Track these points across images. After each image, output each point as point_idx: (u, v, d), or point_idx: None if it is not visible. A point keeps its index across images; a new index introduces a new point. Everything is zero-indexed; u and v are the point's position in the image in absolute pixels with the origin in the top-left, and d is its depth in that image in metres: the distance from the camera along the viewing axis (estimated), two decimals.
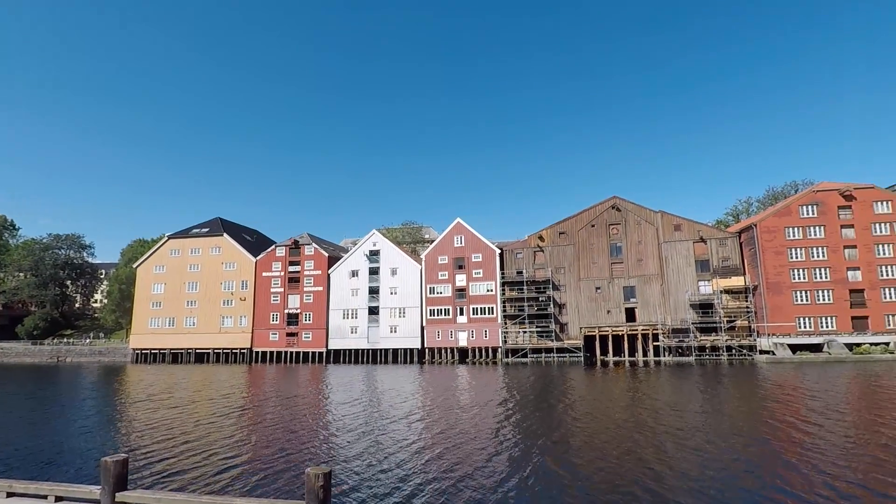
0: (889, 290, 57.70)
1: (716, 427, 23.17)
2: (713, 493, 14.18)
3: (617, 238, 67.83)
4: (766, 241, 60.82)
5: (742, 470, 16.31)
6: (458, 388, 40.64)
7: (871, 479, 15.07)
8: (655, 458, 17.98)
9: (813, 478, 15.26)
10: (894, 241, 58.36)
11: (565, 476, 16.12)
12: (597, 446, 19.91)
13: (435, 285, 72.09)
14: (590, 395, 35.15)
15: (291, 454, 19.30)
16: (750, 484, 14.90)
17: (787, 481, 15.02)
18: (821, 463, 16.80)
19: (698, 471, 16.27)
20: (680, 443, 20.11)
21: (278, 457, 18.91)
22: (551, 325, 67.03)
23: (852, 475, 15.40)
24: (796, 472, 15.93)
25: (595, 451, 19.09)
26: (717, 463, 17.14)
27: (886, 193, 60.62)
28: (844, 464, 16.62)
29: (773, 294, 59.88)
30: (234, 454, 19.36)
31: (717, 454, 18.29)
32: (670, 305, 64.72)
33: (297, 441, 21.59)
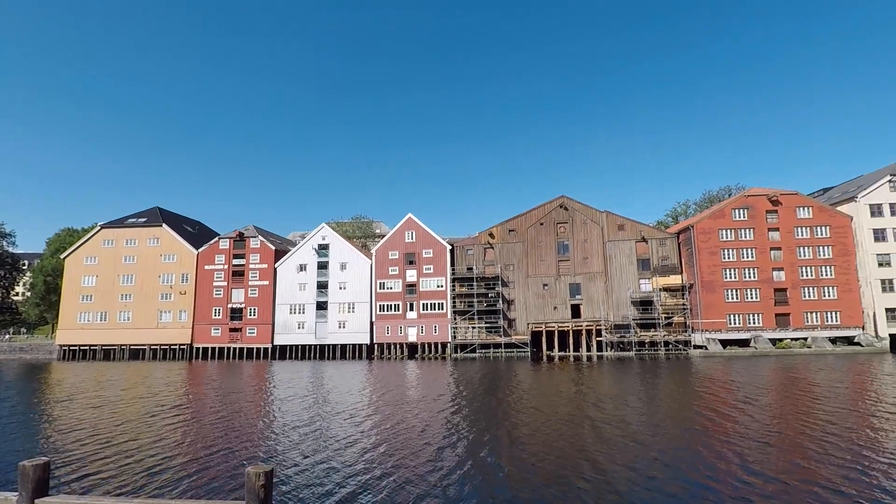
0: (808, 290, 62.34)
1: (652, 417, 24.31)
2: (649, 478, 14.88)
3: (564, 236, 69.69)
4: (702, 242, 64.25)
5: (675, 456, 17.19)
6: (407, 384, 40.61)
7: (785, 461, 16.25)
8: (596, 447, 18.65)
9: (735, 461, 16.30)
10: (813, 244, 63.09)
11: (510, 468, 16.46)
12: (541, 438, 20.43)
13: (385, 280, 71.60)
14: (535, 389, 35.98)
15: (231, 453, 18.67)
16: (682, 468, 15.73)
17: (714, 466, 15.97)
18: (743, 448, 17.96)
19: (635, 458, 17.01)
20: (619, 433, 20.95)
21: (217, 456, 18.24)
22: (500, 320, 68.12)
23: (769, 458, 16.57)
24: (722, 457, 16.96)
25: (539, 444, 19.58)
26: (651, 451, 17.99)
27: (808, 200, 65.38)
28: (763, 448, 17.85)
29: (707, 292, 63.37)
30: (169, 455, 18.51)
31: (652, 442, 19.19)
32: (613, 302, 67.22)
33: (238, 440, 20.91)
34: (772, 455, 17.21)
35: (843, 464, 15.95)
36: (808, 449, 17.85)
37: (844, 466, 15.68)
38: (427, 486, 14.67)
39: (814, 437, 19.61)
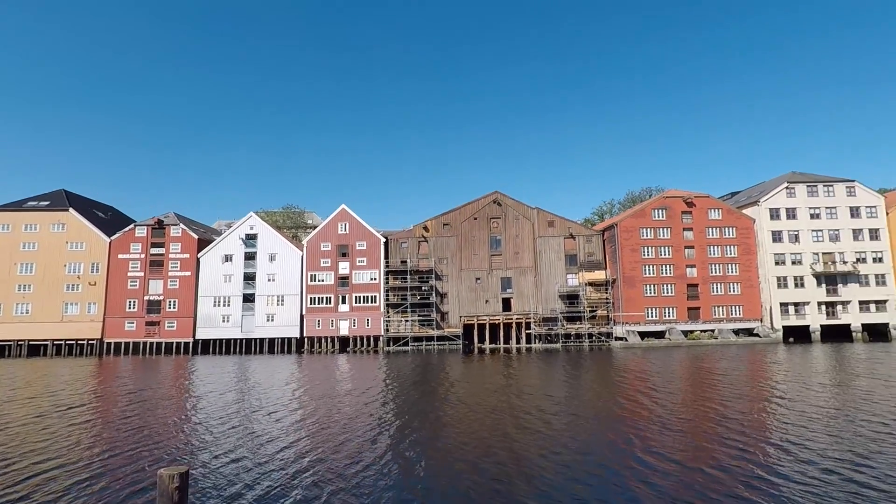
0: (716, 285, 67.62)
1: (571, 406, 25.46)
2: (563, 465, 15.58)
3: (497, 231, 71.18)
4: (625, 240, 67.87)
5: (588, 443, 18.12)
6: (336, 378, 40.01)
7: (685, 443, 17.60)
8: (516, 437, 19.28)
9: (642, 445, 17.43)
10: (721, 243, 68.45)
11: (429, 460, 16.66)
12: (463, 429, 20.84)
13: (317, 273, 69.97)
14: (464, 381, 36.62)
15: (142, 455, 17.60)
16: (594, 454, 16.60)
17: (622, 450, 16.99)
18: (650, 432, 19.24)
19: (551, 446, 17.75)
20: (539, 422, 21.77)
21: (123, 459, 17.13)
22: (433, 313, 68.60)
23: (672, 441, 17.87)
24: (631, 442, 18.07)
25: (461, 434, 19.97)
26: (566, 438, 18.86)
27: (718, 202, 70.77)
28: (668, 432, 19.21)
29: (628, 287, 67.11)
30: (66, 459, 17.14)
31: (568, 430, 20.12)
32: (542, 296, 69.59)
33: (149, 441, 19.73)
34: (674, 438, 18.57)
35: (734, 444, 17.48)
36: (707, 432, 19.41)
37: (736, 447, 17.19)
38: (345, 482, 14.58)
39: (713, 420, 21.35)
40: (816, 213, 68.69)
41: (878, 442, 17.32)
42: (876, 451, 16.20)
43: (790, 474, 14.28)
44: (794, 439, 17.98)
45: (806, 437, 18.28)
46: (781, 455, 16.15)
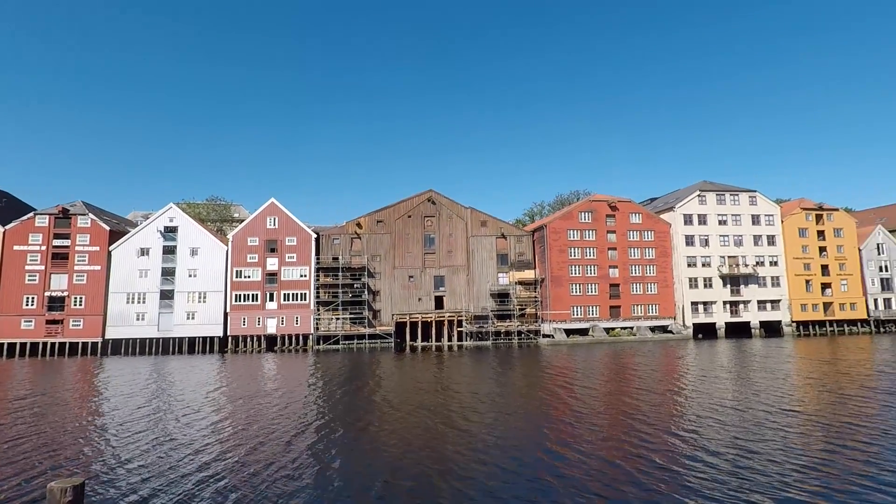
0: (636, 285, 71.75)
1: (499, 403, 26.07)
2: (489, 461, 15.94)
3: (431, 230, 71.50)
4: (553, 241, 70.42)
5: (510, 437, 18.64)
6: (260, 378, 38.60)
7: (604, 435, 18.57)
8: (444, 435, 19.48)
9: (565, 440, 18.20)
10: (641, 245, 72.71)
11: (354, 462, 16.48)
12: (388, 428, 20.78)
13: (243, 268, 67.07)
14: (394, 379, 36.53)
15: (34, 467, 16.10)
16: (521, 449, 17.11)
17: (554, 442, 17.65)
18: (573, 427, 20.13)
19: (479, 443, 18.10)
20: (464, 419, 22.12)
21: (13, 471, 15.60)
22: (365, 311, 67.84)
23: (593, 433, 18.80)
24: (562, 432, 18.82)
25: (386, 433, 19.90)
26: (494, 436, 19.30)
27: (639, 207, 75.10)
28: (589, 425, 20.19)
29: (556, 286, 69.69)
30: None
31: (495, 427, 20.59)
32: (474, 294, 70.74)
33: (45, 451, 18.13)
34: (590, 432, 19.52)
35: (642, 436, 18.65)
36: (619, 425, 20.58)
37: (643, 438, 18.34)
38: (253, 488, 14.11)
39: (625, 413, 22.66)
40: (724, 219, 74.63)
41: (764, 428, 19.09)
42: (763, 439, 17.86)
43: (688, 462, 15.44)
44: (694, 429, 19.47)
45: (704, 426, 19.84)
46: (682, 444, 17.42)
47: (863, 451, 16.03)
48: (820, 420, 20.33)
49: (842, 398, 24.93)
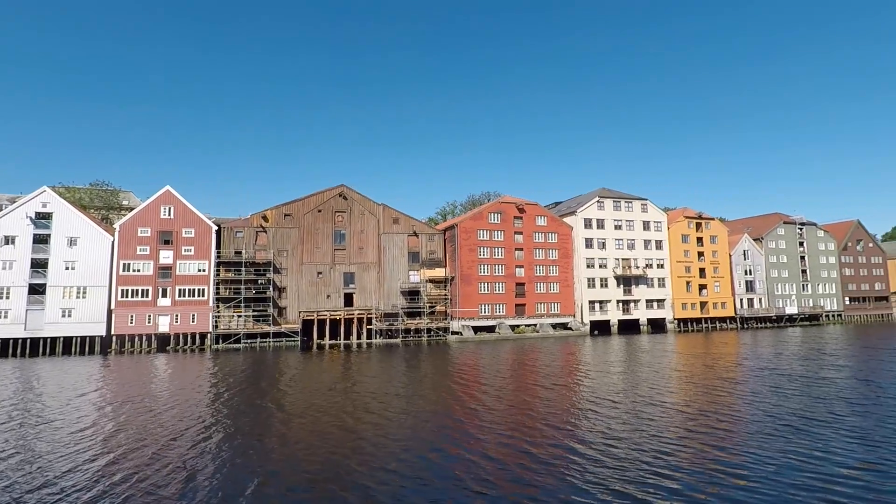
0: (540, 284, 75.44)
1: (405, 401, 26.21)
2: (392, 460, 15.96)
3: (341, 225, 70.08)
4: (464, 240, 72.02)
5: (419, 436, 18.85)
6: (147, 380, 35.58)
7: (501, 430, 19.34)
8: (345, 436, 19.20)
9: (465, 435, 18.70)
10: (546, 247, 76.57)
11: (249, 469, 15.78)
12: (291, 432, 20.12)
13: (132, 262, 61.40)
14: (299, 379, 35.39)
15: None
16: (423, 448, 17.30)
17: (447, 441, 18.00)
18: (475, 422, 20.72)
19: (383, 442, 18.07)
20: (372, 419, 21.99)
21: None
22: (270, 308, 65.01)
23: (492, 429, 19.49)
24: (456, 430, 19.26)
25: (289, 438, 19.27)
26: (407, 429, 19.39)
27: (544, 210, 78.99)
28: (490, 421, 20.91)
29: (465, 284, 71.36)
30: None
31: (400, 425, 20.68)
32: (384, 292, 70.42)
33: None
34: (490, 427, 20.26)
35: (539, 431, 19.70)
36: (518, 421, 21.56)
37: (540, 434, 19.38)
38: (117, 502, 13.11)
39: (525, 408, 23.80)
40: (619, 224, 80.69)
41: (635, 418, 20.99)
42: (634, 428, 19.62)
43: (564, 454, 16.54)
44: (575, 421, 20.95)
45: (585, 418, 21.41)
46: (561, 437, 18.66)
47: (715, 435, 18.14)
48: (682, 409, 22.72)
49: (703, 388, 28.05)
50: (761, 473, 13.93)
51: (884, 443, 16.49)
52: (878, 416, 20.20)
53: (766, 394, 25.65)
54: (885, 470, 13.95)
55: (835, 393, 25.35)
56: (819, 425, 19.02)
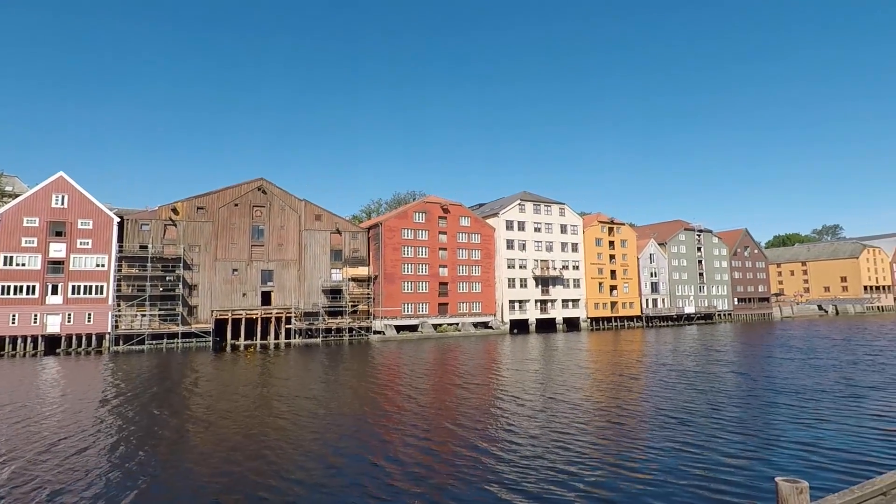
0: (462, 284, 76.79)
1: (324, 402, 25.65)
2: (306, 463, 15.55)
3: (260, 220, 67.22)
4: (388, 238, 71.69)
5: (336, 439, 18.49)
6: (32, 386, 32.11)
7: (421, 430, 19.46)
8: (261, 440, 18.45)
9: (387, 438, 18.64)
10: (469, 247, 78.07)
11: (147, 479, 14.76)
12: (197, 438, 19.09)
13: (15, 254, 55.15)
14: (208, 382, 33.56)
15: None
16: (342, 451, 17.03)
17: (369, 443, 17.82)
18: (397, 422, 20.67)
19: (299, 444, 17.54)
20: (289, 419, 21.32)
21: None
22: (179, 307, 61.02)
23: (414, 428, 19.57)
24: (380, 431, 19.13)
25: (195, 444, 18.26)
26: (316, 434, 18.92)
27: (468, 211, 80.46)
28: (410, 423, 20.97)
29: (389, 283, 71.07)
30: None
31: (317, 428, 20.18)
32: (305, 290, 68.48)
33: None
34: (395, 429, 20.33)
35: (445, 428, 20.11)
36: (436, 420, 21.88)
37: (459, 433, 19.80)
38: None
39: (443, 408, 24.20)
40: (539, 227, 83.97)
41: (542, 414, 22.07)
42: (539, 425, 20.61)
43: (468, 452, 17.06)
44: (484, 420, 21.65)
45: (493, 416, 22.20)
46: (468, 435, 19.20)
47: (613, 430, 19.52)
48: (585, 405, 24.20)
49: (606, 385, 30.03)
50: (651, 465, 15.16)
51: (758, 433, 18.52)
52: (752, 408, 22.64)
53: (659, 389, 27.87)
54: (764, 458, 15.68)
55: (717, 387, 28.06)
56: (700, 416, 20.99)
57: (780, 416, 20.58)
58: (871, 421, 19.46)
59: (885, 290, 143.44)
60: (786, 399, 24.03)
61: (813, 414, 20.90)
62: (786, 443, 16.89)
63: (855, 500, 7.86)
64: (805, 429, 18.64)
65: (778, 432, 18.19)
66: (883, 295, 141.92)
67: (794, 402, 23.19)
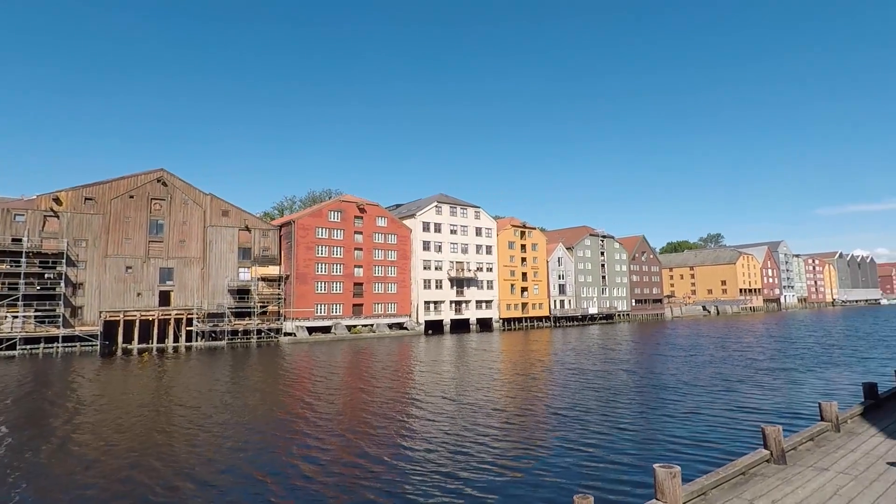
0: (378, 285, 76.33)
1: (225, 410, 24.31)
2: (225, 475, 14.73)
3: (159, 214, 62.44)
4: (301, 237, 69.55)
5: (254, 445, 17.62)
6: None
7: (318, 438, 19.09)
8: (148, 450, 17.18)
9: (309, 445, 18.07)
10: (385, 248, 77.80)
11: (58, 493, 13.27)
12: (72, 453, 17.38)
13: None
14: (92, 390, 30.63)
15: None
16: (231, 460, 16.25)
17: (289, 450, 17.16)
18: (297, 430, 20.08)
19: (189, 456, 16.54)
20: (194, 430, 20.00)
21: None
22: (60, 308, 55.08)
23: (313, 437, 19.14)
24: (297, 439, 18.47)
25: (66, 460, 16.62)
26: (208, 444, 17.94)
27: (385, 211, 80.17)
28: (334, 423, 20.50)
29: (301, 283, 68.95)
30: None
31: (232, 435, 19.17)
32: (209, 290, 64.60)
33: None
34: (319, 435, 19.90)
35: (350, 436, 19.99)
36: (340, 422, 21.61)
37: (385, 436, 19.69)
38: None
39: (352, 412, 23.95)
40: (455, 229, 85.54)
41: (451, 419, 22.69)
42: (443, 430, 21.18)
43: (378, 458, 17.18)
44: (393, 426, 21.86)
45: (406, 421, 22.47)
46: (377, 443, 19.32)
47: (510, 429, 20.51)
48: (486, 406, 25.17)
49: (510, 386, 31.41)
50: (542, 463, 16.09)
51: (642, 426, 20.28)
52: (637, 404, 24.74)
53: (557, 389, 29.56)
54: (646, 448, 17.19)
55: (609, 385, 30.29)
56: (591, 413, 22.62)
57: (661, 410, 22.67)
58: (736, 412, 22.02)
59: (757, 293, 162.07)
60: (667, 394, 26.49)
61: (688, 407, 23.24)
62: (664, 434, 18.69)
63: (720, 480, 9.05)
64: (681, 420, 20.72)
65: (659, 425, 20.06)
66: (755, 297, 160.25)
67: (673, 397, 25.64)
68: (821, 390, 26.44)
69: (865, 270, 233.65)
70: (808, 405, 22.41)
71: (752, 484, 9.16)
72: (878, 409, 14.90)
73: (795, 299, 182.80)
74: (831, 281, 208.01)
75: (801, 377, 30.97)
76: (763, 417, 20.34)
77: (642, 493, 12.39)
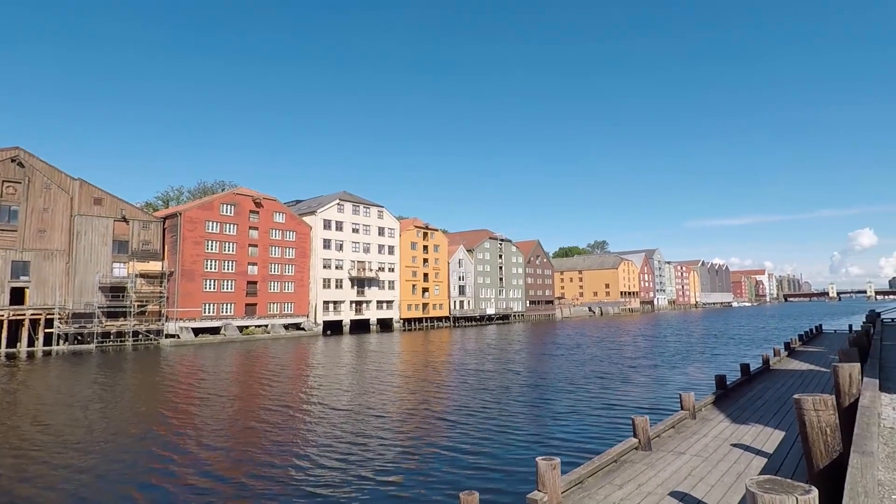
0: (274, 284, 72.89)
1: (99, 421, 21.79)
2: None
3: (13, 199, 54.33)
4: (188, 231, 64.35)
5: (126, 462, 15.81)
6: None
7: (238, 445, 17.84)
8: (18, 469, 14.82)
9: (192, 457, 16.55)
10: (283, 245, 74.53)
11: None
12: None
13: None
14: None
15: None
16: (136, 476, 14.61)
17: (166, 468, 15.59)
18: (201, 440, 18.49)
19: (62, 480, 14.58)
20: (35, 452, 17.55)
21: None
22: None
23: (224, 445, 17.78)
24: (178, 454, 16.84)
25: None
26: (98, 458, 15.95)
27: (283, 207, 76.82)
28: (221, 435, 19.01)
29: (187, 281, 63.79)
30: None
31: (99, 449, 17.06)
32: (75, 287, 57.48)
33: None
34: (230, 442, 18.52)
35: (274, 441, 18.97)
36: (250, 430, 20.34)
37: (260, 449, 18.69)
38: None
39: (240, 422, 22.63)
40: (357, 228, 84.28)
41: (335, 426, 22.41)
42: (324, 438, 20.90)
43: (255, 473, 16.55)
44: (273, 436, 21.12)
45: (289, 429, 21.80)
46: (252, 449, 18.60)
47: (396, 436, 20.75)
48: (373, 410, 25.25)
49: (403, 389, 31.69)
50: (427, 466, 16.45)
51: (525, 423, 21.45)
52: (522, 403, 26.16)
53: (449, 390, 30.35)
54: (529, 444, 18.18)
55: (498, 384, 31.70)
56: (478, 413, 23.55)
57: (545, 408, 24.15)
58: (611, 405, 24.10)
59: (635, 296, 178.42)
60: (551, 392, 28.23)
61: (569, 403, 25.01)
62: (548, 429, 19.95)
63: (595, 469, 9.86)
64: (563, 415, 22.24)
65: (543, 421, 21.37)
66: (633, 299, 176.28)
67: (556, 395, 27.40)
68: (682, 383, 29.80)
69: (721, 277, 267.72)
70: (672, 397, 25.17)
71: (622, 470, 10.13)
72: (726, 398, 17.20)
73: (666, 301, 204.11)
74: (695, 285, 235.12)
75: (667, 372, 34.65)
76: (634, 410, 22.46)
77: (525, 487, 13.14)
